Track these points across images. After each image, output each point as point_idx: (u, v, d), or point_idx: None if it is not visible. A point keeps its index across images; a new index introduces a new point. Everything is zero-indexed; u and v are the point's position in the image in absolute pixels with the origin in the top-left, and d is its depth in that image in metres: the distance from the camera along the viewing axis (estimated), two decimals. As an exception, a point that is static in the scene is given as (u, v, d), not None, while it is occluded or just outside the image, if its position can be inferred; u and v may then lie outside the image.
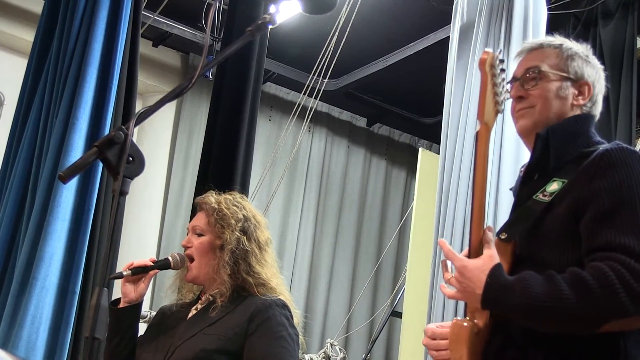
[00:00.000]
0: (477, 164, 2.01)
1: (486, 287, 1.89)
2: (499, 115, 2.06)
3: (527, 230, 2.00)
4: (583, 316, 1.80)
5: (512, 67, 2.29)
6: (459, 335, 1.98)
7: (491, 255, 1.95)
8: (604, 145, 2.03)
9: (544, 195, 2.02)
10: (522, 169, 2.19)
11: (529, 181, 2.12)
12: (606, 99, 2.27)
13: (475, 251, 1.98)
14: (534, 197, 2.04)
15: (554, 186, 2.02)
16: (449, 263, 2.03)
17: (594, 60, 2.23)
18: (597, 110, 2.20)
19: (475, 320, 1.99)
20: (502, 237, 2.04)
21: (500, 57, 2.02)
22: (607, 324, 1.81)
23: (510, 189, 2.25)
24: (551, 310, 1.82)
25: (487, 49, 2.03)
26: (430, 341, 2.16)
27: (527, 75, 2.15)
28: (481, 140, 2.02)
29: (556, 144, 2.08)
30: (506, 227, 2.06)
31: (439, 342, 2.14)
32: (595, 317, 1.80)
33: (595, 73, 2.20)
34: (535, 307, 1.83)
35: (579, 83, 2.16)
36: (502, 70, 2.02)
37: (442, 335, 2.13)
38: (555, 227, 1.96)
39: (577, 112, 2.15)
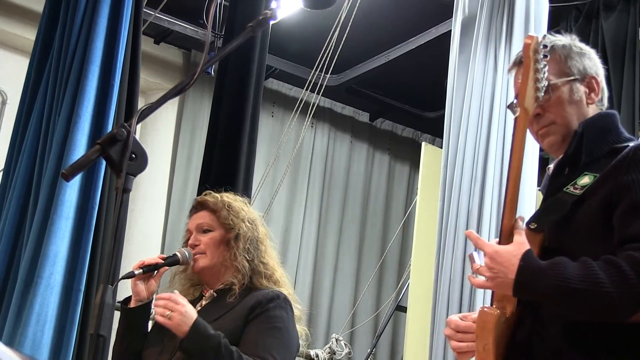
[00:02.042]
0: (513, 150, 2.01)
1: (519, 271, 1.88)
2: (503, 118, 2.06)
3: (558, 222, 2.00)
4: (615, 303, 1.80)
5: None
6: (485, 324, 1.97)
7: (522, 242, 1.94)
8: (636, 141, 2.04)
9: (575, 188, 2.02)
10: (550, 168, 2.19)
11: (560, 175, 2.12)
12: (609, 91, 2.26)
13: (506, 238, 1.98)
14: (564, 189, 2.04)
15: (585, 180, 2.02)
16: (475, 255, 2.01)
17: (587, 49, 2.22)
18: (605, 98, 2.20)
19: (502, 310, 1.99)
20: (532, 226, 2.04)
21: (544, 42, 2.00)
22: (638, 313, 1.81)
23: (539, 189, 2.25)
24: (584, 294, 1.82)
25: (531, 34, 2.01)
26: (454, 333, 2.15)
27: None
28: (519, 126, 2.01)
29: (589, 139, 2.08)
30: (536, 218, 2.06)
31: (464, 336, 2.12)
32: (628, 304, 1.81)
33: (594, 63, 2.19)
34: (568, 290, 1.82)
35: (586, 80, 2.16)
36: (545, 56, 1.99)
37: (466, 328, 2.12)
38: (586, 220, 1.96)
39: (594, 108, 2.15)
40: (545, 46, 2.00)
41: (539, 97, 2.00)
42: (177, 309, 2.56)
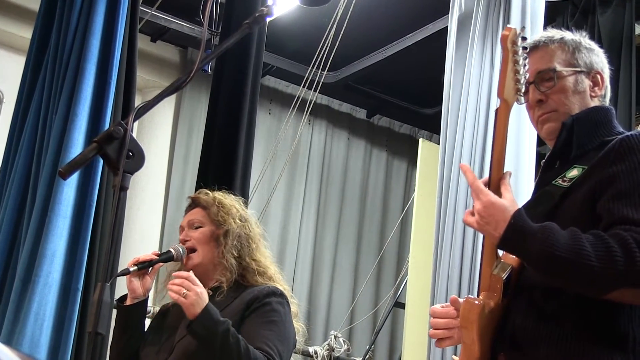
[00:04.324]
0: (495, 142, 2.02)
1: (509, 228, 1.90)
2: (494, 117, 2.06)
3: (545, 214, 2.01)
4: (595, 277, 1.82)
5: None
6: (469, 314, 1.98)
7: (514, 200, 1.97)
8: (625, 133, 2.05)
9: (564, 181, 2.04)
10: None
11: (550, 169, 2.14)
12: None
13: (493, 191, 2.00)
14: (553, 182, 2.06)
15: (574, 172, 2.04)
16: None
17: (596, 47, 2.25)
18: (608, 96, 2.23)
19: (487, 300, 1.99)
20: None
21: (523, 34, 2.00)
22: (619, 290, 1.83)
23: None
24: (567, 263, 1.83)
25: (509, 26, 2.02)
26: (432, 320, 2.18)
27: (542, 77, 2.15)
28: (500, 118, 2.02)
29: (580, 133, 2.10)
30: (524, 210, 2.07)
31: (436, 320, 2.16)
32: (608, 280, 1.82)
33: (600, 60, 2.22)
34: (553, 256, 1.84)
35: (592, 74, 2.18)
36: (524, 48, 2.00)
37: (442, 314, 2.15)
38: (572, 211, 1.98)
39: (596, 102, 2.17)
40: (524, 38, 2.00)
41: (519, 89, 2.01)
42: (194, 289, 2.56)
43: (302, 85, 5.91)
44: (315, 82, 5.87)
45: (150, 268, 2.79)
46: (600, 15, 5.36)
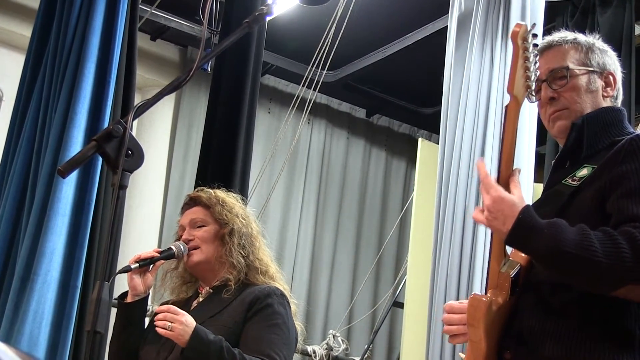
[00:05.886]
0: (504, 138, 2.02)
1: (516, 223, 1.90)
2: (499, 114, 2.07)
3: (554, 213, 2.01)
4: (602, 273, 1.82)
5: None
6: (476, 310, 1.98)
7: (523, 197, 1.97)
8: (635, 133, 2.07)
9: (573, 180, 2.05)
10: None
11: (561, 168, 2.15)
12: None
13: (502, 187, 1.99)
14: (562, 181, 2.07)
15: (583, 172, 2.05)
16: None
17: (609, 49, 2.27)
18: (620, 98, 2.26)
19: (495, 297, 1.99)
20: None
21: (534, 31, 2.01)
22: (626, 286, 1.83)
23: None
24: (574, 259, 1.83)
25: (520, 22, 2.03)
26: (447, 316, 2.17)
27: (554, 75, 2.16)
28: (510, 114, 2.02)
29: (590, 133, 2.11)
30: (534, 209, 2.07)
31: (452, 316, 2.16)
32: (615, 277, 1.83)
33: (614, 62, 2.26)
34: (560, 252, 1.84)
35: (604, 74, 2.21)
36: (535, 45, 2.01)
37: (459, 310, 2.15)
38: (581, 210, 1.98)
39: (608, 103, 2.20)
40: (535, 35, 2.01)
41: (530, 86, 2.02)
42: (177, 319, 2.57)
43: (301, 84, 5.91)
44: (315, 81, 5.86)
45: (152, 265, 2.79)
46: (600, 16, 5.36)
